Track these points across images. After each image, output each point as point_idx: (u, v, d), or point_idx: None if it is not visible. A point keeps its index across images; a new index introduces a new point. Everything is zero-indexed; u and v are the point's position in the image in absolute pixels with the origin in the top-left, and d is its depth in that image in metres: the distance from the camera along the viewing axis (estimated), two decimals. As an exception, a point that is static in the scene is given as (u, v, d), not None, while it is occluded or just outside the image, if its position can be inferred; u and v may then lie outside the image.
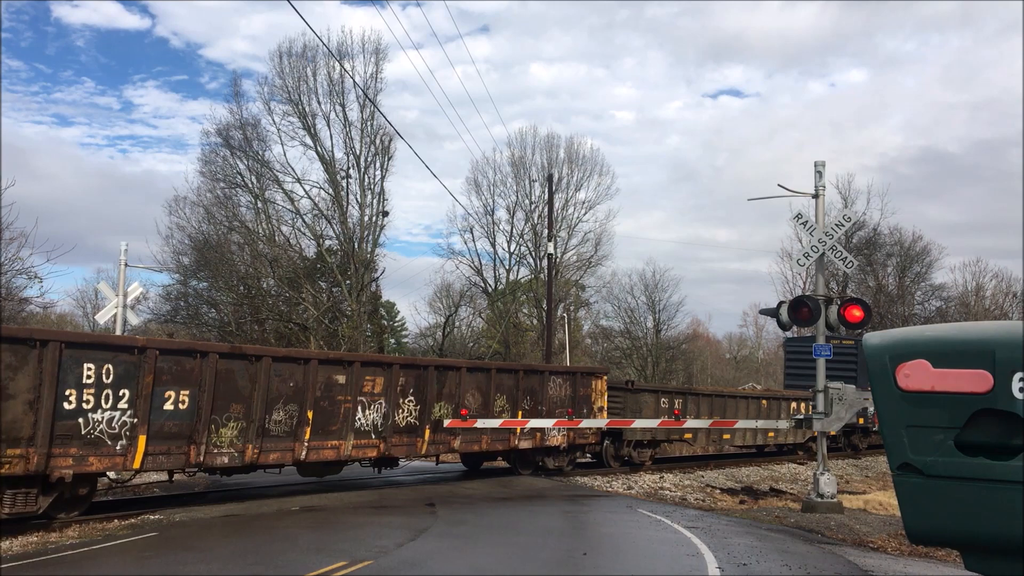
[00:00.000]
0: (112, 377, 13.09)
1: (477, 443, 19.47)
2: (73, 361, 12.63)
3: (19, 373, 12.01)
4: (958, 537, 4.98)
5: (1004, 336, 4.81)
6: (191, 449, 14.03)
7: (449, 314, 50.45)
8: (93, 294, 56.40)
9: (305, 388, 15.82)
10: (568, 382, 22.13)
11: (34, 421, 12.11)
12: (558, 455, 22.12)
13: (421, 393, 18.25)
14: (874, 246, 54.55)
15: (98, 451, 12.86)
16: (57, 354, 12.35)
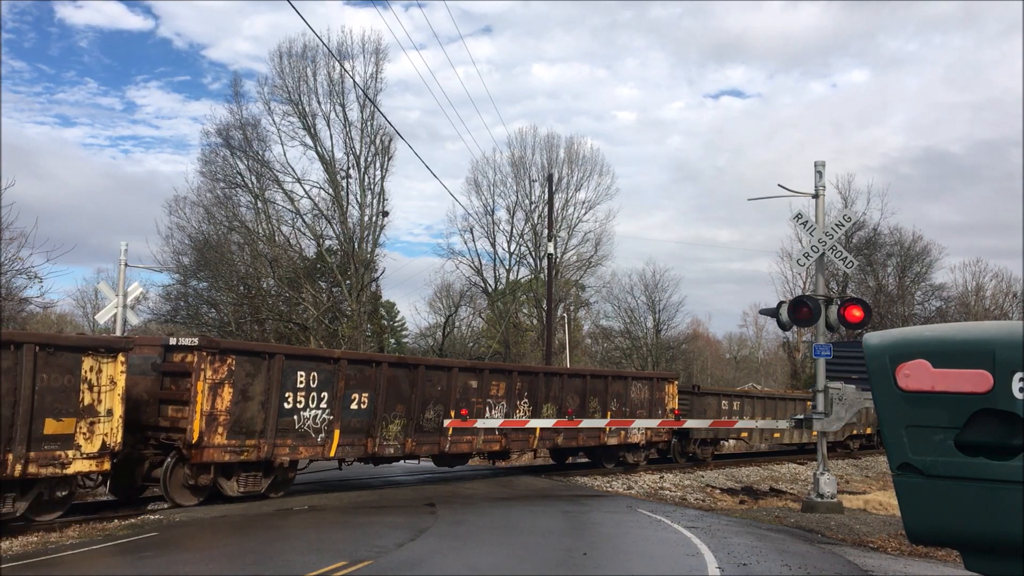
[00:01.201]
0: (316, 383, 16.02)
1: (575, 439, 22.23)
2: (291, 370, 15.61)
3: (255, 380, 15.01)
4: (958, 537, 4.98)
5: (1004, 336, 4.80)
6: (368, 442, 16.98)
7: (449, 314, 50.45)
8: (93, 294, 56.46)
9: (449, 391, 18.67)
10: (647, 386, 24.70)
11: (264, 418, 15.11)
12: (637, 451, 24.44)
13: (533, 396, 21.04)
14: (874, 246, 54.55)
15: (306, 442, 15.87)
16: (280, 364, 15.35)
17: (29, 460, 12.00)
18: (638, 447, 24.37)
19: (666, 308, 62.28)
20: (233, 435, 14.72)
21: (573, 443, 22.46)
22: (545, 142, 52.88)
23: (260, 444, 15.09)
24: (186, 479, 14.58)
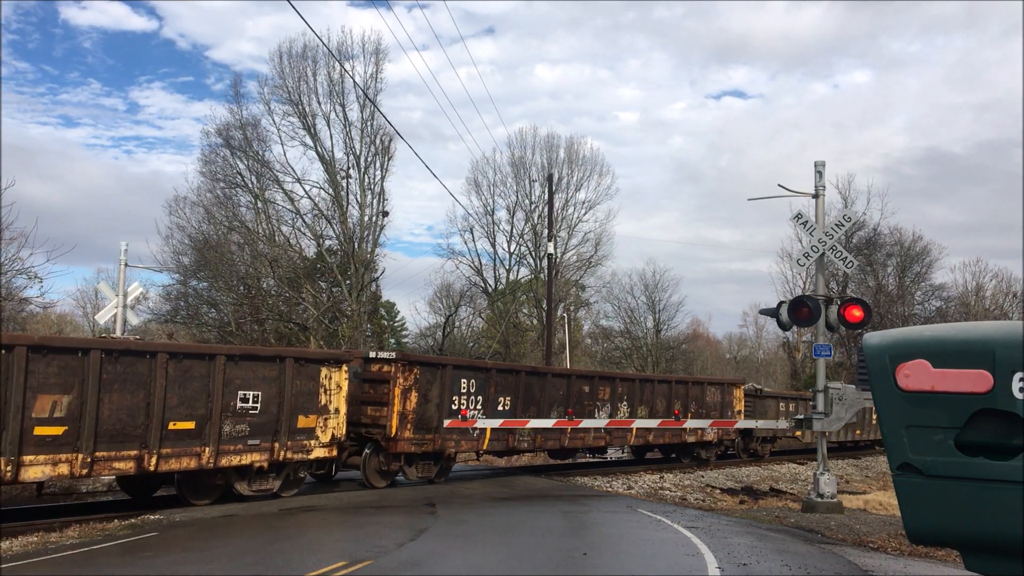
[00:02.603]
0: (474, 388, 19.30)
1: (662, 437, 25.15)
2: (457, 377, 18.92)
3: (432, 386, 18.31)
4: (958, 537, 4.98)
5: (1004, 336, 4.80)
6: (509, 438, 20.14)
7: (449, 314, 50.43)
8: (93, 294, 56.42)
9: (568, 395, 21.97)
10: (719, 391, 27.56)
11: (438, 417, 18.18)
12: (709, 448, 27.39)
13: (631, 399, 24.09)
14: (874, 246, 54.53)
15: (466, 437, 19.03)
16: (450, 373, 18.72)
17: (287, 448, 15.45)
18: (711, 444, 27.32)
19: (666, 308, 62.31)
20: (417, 431, 17.84)
21: (662, 440, 25.40)
22: (545, 142, 52.93)
23: (435, 438, 18.28)
24: (379, 466, 17.82)
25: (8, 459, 11.70)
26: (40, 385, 12.13)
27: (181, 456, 13.84)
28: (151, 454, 13.35)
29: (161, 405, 13.47)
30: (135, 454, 13.22)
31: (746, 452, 29.91)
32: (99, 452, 12.80)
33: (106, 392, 12.86)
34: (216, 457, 14.25)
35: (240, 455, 14.68)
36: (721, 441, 27.74)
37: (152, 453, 13.36)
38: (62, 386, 12.39)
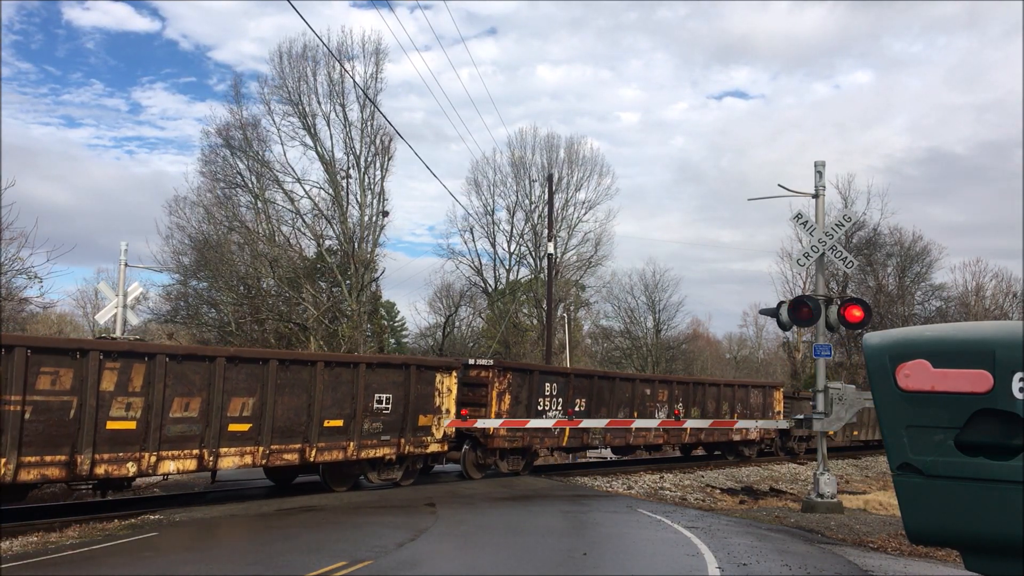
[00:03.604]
0: (556, 391, 21.63)
1: (712, 436, 27.17)
2: (542, 381, 21.22)
3: (522, 389, 20.62)
4: (958, 537, 4.98)
5: (1004, 336, 4.80)
6: (584, 436, 22.26)
7: (449, 314, 50.43)
8: (93, 294, 56.40)
9: (632, 397, 24.40)
10: (761, 393, 30.15)
11: (527, 417, 20.26)
12: (752, 446, 29.63)
13: (686, 401, 26.35)
14: (874, 246, 54.51)
15: (549, 435, 21.15)
16: (536, 377, 21.12)
17: (410, 443, 17.68)
18: (753, 443, 29.51)
19: (666, 308, 62.31)
20: (508, 429, 19.53)
21: (710, 439, 27.56)
22: (545, 142, 52.91)
23: (524, 436, 20.33)
24: (477, 460, 20.13)
25: (211, 451, 14.07)
26: (233, 389, 14.43)
27: (332, 449, 16.12)
28: (311, 447, 15.64)
29: (319, 406, 15.74)
30: (299, 447, 15.50)
31: (783, 450, 31.34)
32: (274, 445, 15.05)
33: (279, 395, 15.12)
34: (358, 450, 16.58)
35: (375, 449, 17.00)
36: (762, 439, 29.66)
37: (312, 446, 15.65)
38: (248, 390, 14.69)
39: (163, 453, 13.52)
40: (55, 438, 12.25)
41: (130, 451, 13.14)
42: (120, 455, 13.02)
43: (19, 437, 11.80)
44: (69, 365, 12.40)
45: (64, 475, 12.51)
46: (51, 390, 12.20)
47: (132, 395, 13.14)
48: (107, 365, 12.82)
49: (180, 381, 13.75)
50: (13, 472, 11.77)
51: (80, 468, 12.51)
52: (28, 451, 11.93)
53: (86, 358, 12.53)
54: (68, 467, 12.43)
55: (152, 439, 13.34)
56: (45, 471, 12.22)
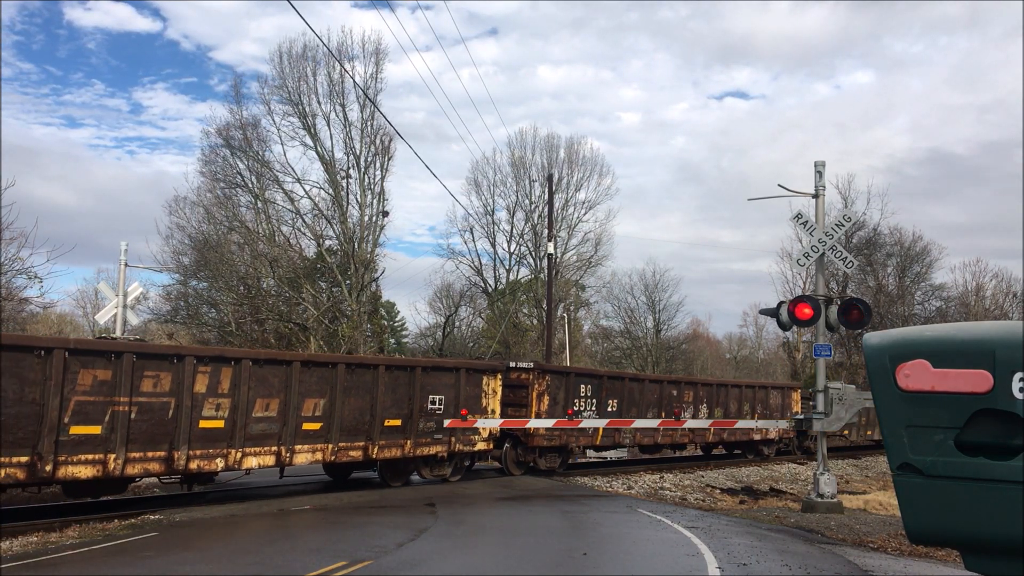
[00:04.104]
0: (590, 392, 22.71)
1: (733, 435, 28.63)
2: (577, 383, 22.36)
3: (559, 390, 21.72)
4: (958, 537, 4.97)
5: (1004, 336, 4.80)
6: (615, 435, 23.58)
7: (449, 314, 50.42)
8: (93, 294, 56.39)
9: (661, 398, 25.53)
10: (780, 394, 31.48)
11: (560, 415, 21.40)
12: (771, 445, 30.71)
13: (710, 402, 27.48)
14: (874, 246, 54.50)
15: (584, 434, 22.30)
16: (573, 379, 22.37)
17: (459, 441, 18.72)
18: (772, 441, 30.59)
19: (666, 308, 62.32)
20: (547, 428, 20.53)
21: (732, 438, 28.82)
22: (545, 142, 52.89)
23: (561, 435, 21.40)
24: (517, 457, 21.20)
25: (288, 448, 15.19)
26: (306, 391, 15.55)
27: (391, 447, 17.28)
28: (374, 445, 16.82)
29: (380, 406, 16.88)
30: (362, 445, 16.64)
31: (800, 449, 32.14)
32: (341, 443, 16.14)
33: (346, 396, 16.22)
34: (414, 448, 17.70)
35: (429, 446, 18.08)
36: (781, 439, 30.61)
37: (375, 444, 16.85)
38: (319, 391, 15.82)
39: (247, 449, 14.67)
40: (156, 436, 13.47)
41: (219, 447, 14.30)
42: (210, 451, 14.17)
43: (126, 435, 13.02)
44: (168, 369, 13.61)
45: (163, 469, 13.72)
46: (153, 392, 13.43)
47: (221, 396, 14.30)
48: (200, 369, 13.99)
49: (261, 383, 14.89)
50: (121, 466, 13.00)
51: (177, 463, 13.71)
52: (133, 447, 13.16)
53: (182, 363, 13.77)
54: (167, 462, 13.64)
55: (238, 436, 14.49)
56: (147, 465, 13.50)
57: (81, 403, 12.53)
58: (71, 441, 12.42)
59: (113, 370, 12.84)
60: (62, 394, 12.28)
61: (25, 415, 11.94)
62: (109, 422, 12.81)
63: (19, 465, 11.90)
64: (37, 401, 12.06)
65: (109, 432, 12.82)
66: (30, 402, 11.99)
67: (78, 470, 12.54)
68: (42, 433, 12.08)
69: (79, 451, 12.52)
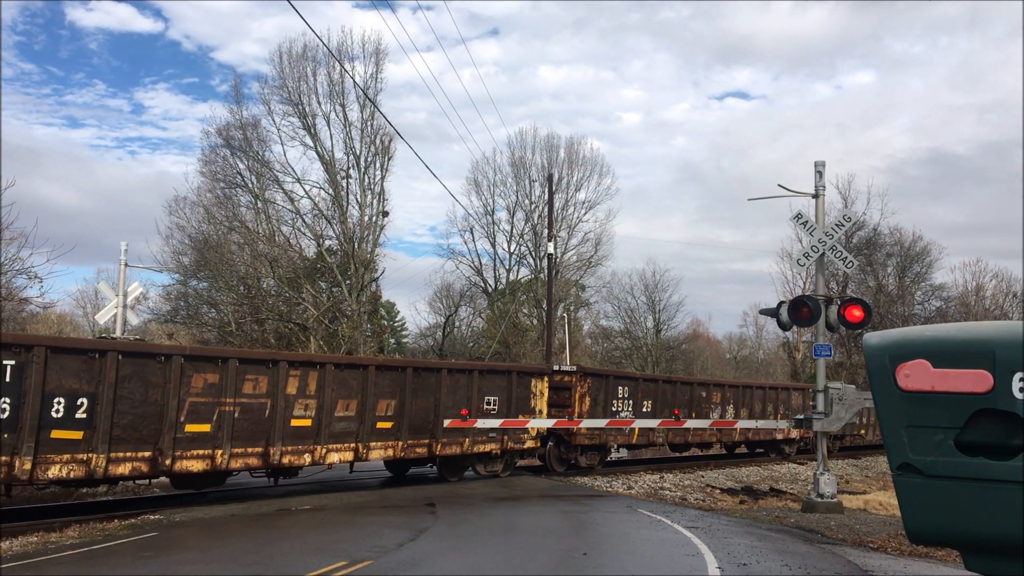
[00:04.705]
0: (627, 394, 23.73)
1: (757, 435, 29.70)
2: (615, 385, 23.61)
3: (600, 392, 22.74)
4: (958, 537, 4.97)
5: (1004, 336, 4.80)
6: (649, 434, 24.65)
7: (449, 314, 50.42)
8: (93, 294, 56.37)
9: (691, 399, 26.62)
10: (800, 394, 32.62)
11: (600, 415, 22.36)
12: (792, 444, 31.84)
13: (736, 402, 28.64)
14: (874, 246, 54.49)
15: (622, 433, 23.40)
16: (611, 381, 23.48)
17: (511, 439, 19.85)
18: (793, 441, 31.68)
19: (666, 308, 62.31)
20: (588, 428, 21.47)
21: (758, 437, 29.86)
22: (545, 142, 52.89)
23: (601, 434, 22.44)
24: (560, 455, 22.20)
25: (364, 445, 16.50)
26: (380, 392, 16.84)
27: (452, 444, 18.39)
28: (437, 442, 18.00)
29: (443, 407, 18.00)
30: (427, 442, 17.85)
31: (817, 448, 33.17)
32: (409, 440, 17.39)
33: (414, 397, 17.49)
34: (472, 445, 18.83)
35: (484, 444, 19.18)
36: (801, 438, 31.53)
37: (438, 442, 18.00)
38: (391, 393, 17.13)
39: (330, 446, 15.97)
40: (255, 433, 14.76)
41: (306, 444, 15.58)
42: (299, 447, 15.46)
43: (231, 432, 14.33)
44: (265, 373, 14.88)
45: (260, 464, 14.95)
46: (252, 394, 14.71)
47: (308, 397, 15.59)
48: (291, 373, 15.28)
49: (342, 386, 16.19)
50: (227, 461, 14.26)
51: (272, 458, 14.98)
52: (236, 443, 14.45)
53: (277, 367, 15.08)
54: (263, 457, 14.92)
55: (323, 434, 15.79)
56: (247, 460, 14.72)
57: (194, 404, 13.89)
58: (186, 438, 13.77)
59: (220, 374, 14.22)
60: (179, 396, 13.64)
61: (148, 415, 13.33)
62: (217, 421, 14.17)
63: (143, 459, 13.32)
64: (158, 402, 13.42)
65: (217, 430, 14.17)
66: (152, 403, 13.36)
67: (191, 464, 13.90)
68: (162, 431, 13.45)
69: (192, 447, 13.86)
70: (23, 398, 11.88)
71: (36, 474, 12.12)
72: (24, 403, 11.88)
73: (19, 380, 11.85)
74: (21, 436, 11.89)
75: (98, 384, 12.70)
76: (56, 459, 12.34)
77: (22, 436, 11.89)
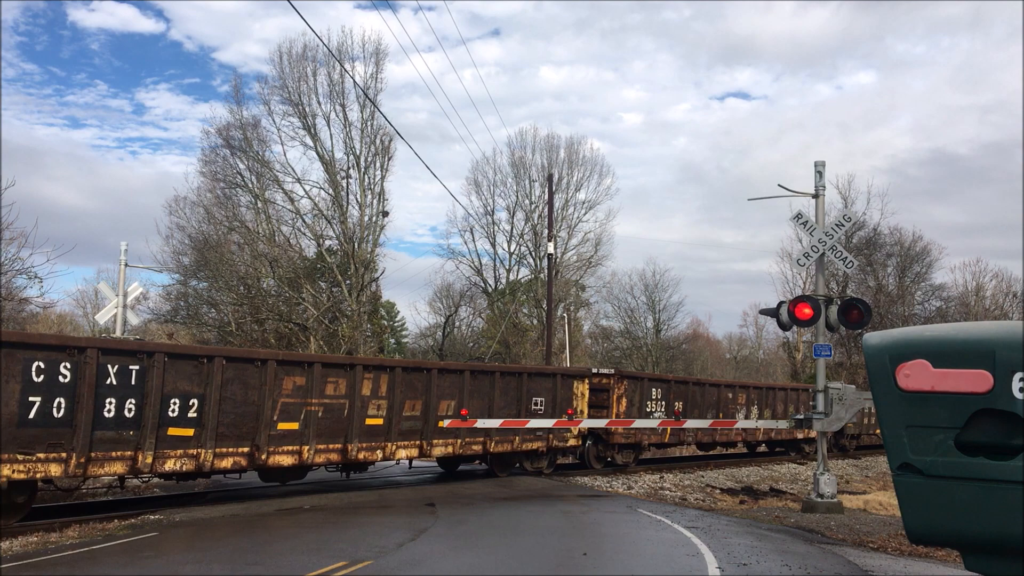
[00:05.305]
0: (660, 395, 24.92)
1: (780, 434, 30.45)
2: (649, 387, 24.68)
3: (635, 393, 23.78)
4: (958, 537, 4.97)
5: (1004, 336, 4.80)
6: (680, 433, 25.48)
7: (449, 314, 50.42)
8: (93, 294, 56.37)
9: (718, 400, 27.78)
10: None
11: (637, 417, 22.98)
12: (812, 443, 31.88)
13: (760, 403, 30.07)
14: (874, 246, 54.49)
15: (653, 431, 24.26)
16: (646, 383, 24.68)
17: (556, 438, 20.98)
18: (813, 440, 31.38)
19: (666, 308, 62.31)
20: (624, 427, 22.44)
21: (780, 436, 30.95)
22: (545, 142, 52.88)
23: (635, 433, 23.35)
24: (598, 453, 23.32)
25: (428, 442, 17.67)
26: (441, 394, 17.98)
27: (504, 442, 19.47)
28: (491, 440, 19.05)
29: (496, 407, 19.13)
30: (482, 440, 18.93)
31: (836, 447, 33.63)
32: (467, 439, 18.42)
33: (471, 399, 18.57)
34: (521, 443, 19.85)
35: (532, 442, 20.26)
36: None
37: (491, 440, 19.03)
38: (451, 394, 18.25)
39: (399, 443, 17.07)
40: (335, 431, 15.92)
41: (378, 441, 16.75)
42: (372, 444, 16.65)
43: (315, 430, 15.44)
44: (343, 376, 16.01)
45: (340, 459, 16.16)
46: (333, 395, 15.85)
47: (380, 398, 16.74)
48: (365, 376, 16.39)
49: (409, 387, 17.34)
50: (312, 456, 15.41)
51: (350, 454, 16.15)
52: (319, 440, 15.60)
53: (353, 370, 16.21)
54: (342, 453, 16.11)
55: (393, 432, 16.94)
56: (329, 456, 15.94)
57: (285, 404, 15.05)
58: (278, 435, 14.94)
59: (306, 377, 15.34)
60: (273, 397, 14.79)
61: (247, 414, 14.49)
62: (304, 419, 15.31)
63: (242, 454, 14.47)
64: (255, 403, 14.57)
65: (304, 428, 15.32)
66: (250, 403, 14.52)
67: (282, 459, 15.08)
68: (259, 428, 14.61)
69: (283, 443, 15.03)
70: (146, 399, 13.10)
71: (155, 467, 13.30)
72: (147, 403, 13.10)
73: (142, 383, 13.09)
74: (144, 433, 13.07)
75: (206, 386, 13.89)
76: (172, 454, 13.51)
77: (145, 433, 13.08)
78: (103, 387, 12.55)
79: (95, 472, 12.74)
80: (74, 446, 12.20)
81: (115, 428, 12.74)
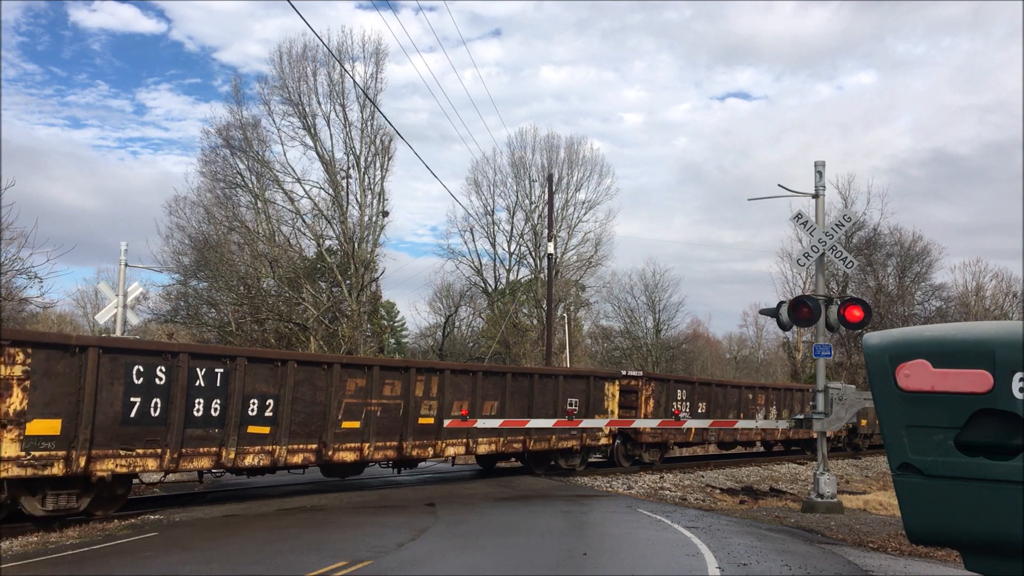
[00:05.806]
0: (685, 395, 25.86)
1: (797, 433, 30.16)
2: (675, 388, 25.63)
3: (662, 395, 24.83)
4: (958, 537, 4.97)
5: (1004, 336, 4.80)
6: (704, 433, 26.05)
7: (449, 314, 50.42)
8: (93, 294, 56.38)
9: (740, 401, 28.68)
10: None
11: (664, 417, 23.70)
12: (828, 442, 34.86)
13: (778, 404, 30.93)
14: (874, 246, 54.49)
15: (681, 432, 25.09)
16: (672, 385, 25.58)
17: (589, 437, 21.67)
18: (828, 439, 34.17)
19: (666, 308, 62.31)
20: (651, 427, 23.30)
21: (797, 436, 31.13)
22: (545, 142, 52.88)
23: (662, 432, 24.22)
24: (627, 451, 24.05)
25: (473, 440, 18.46)
26: (485, 395, 18.93)
27: (541, 440, 20.30)
28: (530, 438, 19.94)
29: (535, 407, 19.99)
30: (522, 439, 19.78)
31: (850, 446, 34.74)
32: (508, 437, 19.30)
33: (512, 399, 19.50)
34: (557, 442, 20.74)
35: (566, 440, 21.05)
36: (836, 436, 33.03)
37: (530, 438, 19.94)
38: (494, 395, 19.19)
39: (448, 441, 17.95)
40: (392, 429, 16.86)
41: (430, 439, 17.63)
42: (424, 442, 17.53)
43: (375, 428, 16.41)
44: (398, 378, 16.98)
45: (395, 456, 17.08)
46: (390, 396, 16.81)
47: (431, 399, 17.66)
48: (417, 378, 17.32)
49: (456, 389, 18.26)
50: (371, 452, 16.38)
51: (405, 451, 17.08)
52: (378, 438, 16.53)
53: (408, 373, 17.16)
54: (398, 450, 17.01)
55: (442, 431, 17.60)
56: (386, 452, 16.83)
57: (348, 404, 15.98)
58: (342, 433, 15.86)
59: (366, 379, 16.29)
60: (338, 398, 15.72)
61: (315, 413, 15.42)
62: (364, 419, 16.26)
63: (311, 451, 15.41)
64: (322, 403, 15.51)
65: (364, 426, 16.25)
66: (318, 403, 15.45)
67: (345, 455, 16.03)
68: (326, 427, 15.56)
69: (346, 441, 15.97)
70: (229, 399, 14.02)
71: (236, 462, 14.15)
72: (230, 403, 14.02)
73: (226, 385, 14.01)
74: (228, 430, 13.98)
75: (280, 388, 14.81)
76: (250, 450, 14.39)
77: (228, 430, 13.99)
78: (193, 388, 13.53)
79: (185, 466, 13.59)
80: (168, 442, 13.17)
81: (203, 426, 13.70)
